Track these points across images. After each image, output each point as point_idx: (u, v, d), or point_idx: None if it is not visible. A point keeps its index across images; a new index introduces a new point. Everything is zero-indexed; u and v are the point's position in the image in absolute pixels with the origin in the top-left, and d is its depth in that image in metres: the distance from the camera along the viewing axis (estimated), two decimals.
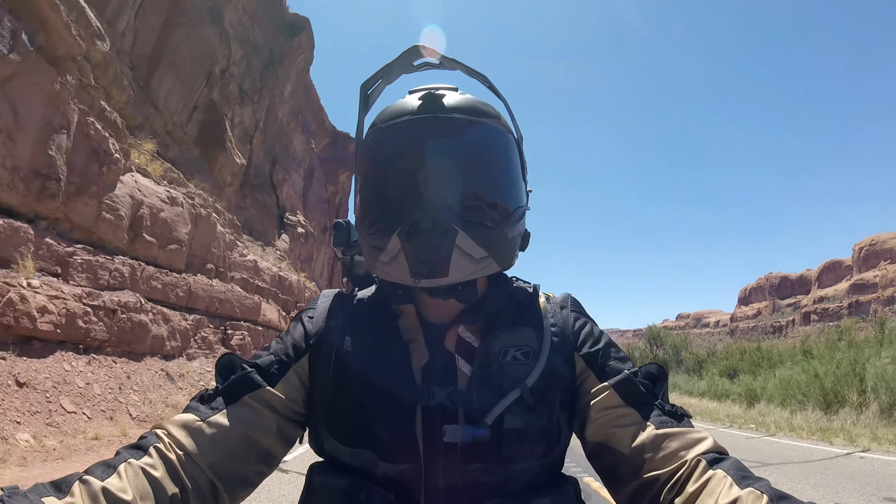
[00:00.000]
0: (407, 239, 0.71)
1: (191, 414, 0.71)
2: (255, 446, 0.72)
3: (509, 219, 0.77)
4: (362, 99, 0.81)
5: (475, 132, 0.75)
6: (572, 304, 0.86)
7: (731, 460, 0.65)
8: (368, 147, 0.79)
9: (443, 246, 0.71)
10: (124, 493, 0.58)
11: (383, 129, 0.76)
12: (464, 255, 0.72)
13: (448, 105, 0.75)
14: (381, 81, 0.82)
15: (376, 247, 0.75)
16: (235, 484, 0.70)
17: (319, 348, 0.79)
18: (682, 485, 0.65)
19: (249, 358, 0.80)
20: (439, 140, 0.73)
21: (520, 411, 0.73)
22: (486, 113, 0.77)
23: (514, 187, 0.79)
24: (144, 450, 0.65)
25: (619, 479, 0.73)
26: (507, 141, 0.79)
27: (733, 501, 0.58)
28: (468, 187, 0.74)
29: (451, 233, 0.70)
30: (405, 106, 0.76)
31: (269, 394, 0.75)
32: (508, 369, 0.75)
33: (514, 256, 0.81)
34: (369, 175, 0.78)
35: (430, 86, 0.79)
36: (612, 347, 0.81)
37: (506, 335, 0.78)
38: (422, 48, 0.78)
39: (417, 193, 0.71)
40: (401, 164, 0.74)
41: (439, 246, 0.70)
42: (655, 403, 0.74)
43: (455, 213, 0.71)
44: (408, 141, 0.74)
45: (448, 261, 0.71)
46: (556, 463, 0.80)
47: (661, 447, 0.68)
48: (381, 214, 0.76)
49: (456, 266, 0.72)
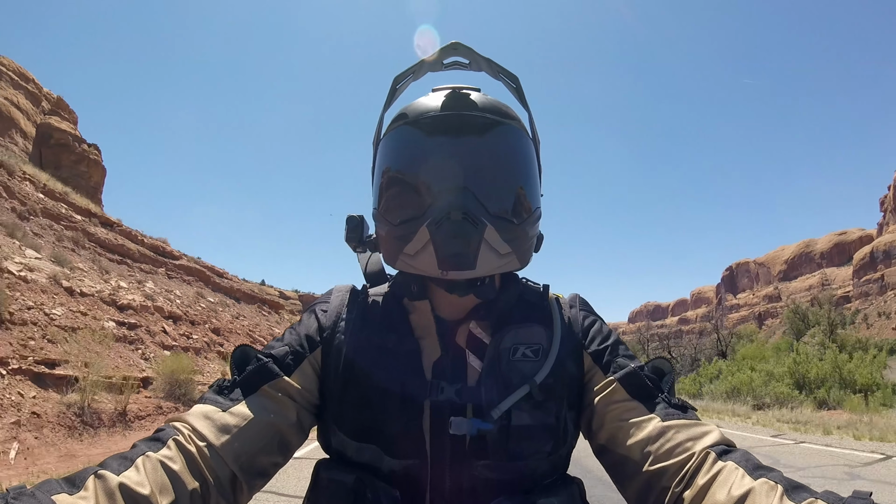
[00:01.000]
0: (437, 231, 0.71)
1: (210, 405, 0.70)
2: (276, 436, 0.72)
3: (531, 217, 0.79)
4: (391, 92, 0.82)
5: (502, 131, 0.76)
6: (581, 303, 0.88)
7: (740, 452, 0.65)
8: (394, 141, 0.79)
9: (472, 239, 0.71)
10: (142, 487, 0.57)
11: (407, 126, 0.77)
12: (490, 249, 0.73)
13: (475, 103, 0.76)
14: (411, 77, 0.82)
15: (402, 238, 0.75)
16: (255, 475, 0.70)
17: (332, 342, 0.79)
18: (692, 477, 0.64)
19: (261, 349, 0.79)
20: (469, 136, 0.74)
21: (528, 408, 0.74)
22: (509, 115, 0.79)
23: (535, 188, 0.81)
24: (163, 442, 0.64)
25: (627, 474, 0.72)
26: (529, 143, 0.81)
27: (747, 492, 0.57)
28: (497, 183, 0.75)
29: (481, 226, 0.71)
30: (432, 102, 0.77)
31: (287, 383, 0.74)
32: (518, 366, 0.76)
33: (531, 255, 0.82)
34: (396, 169, 0.78)
35: (453, 85, 0.80)
36: (620, 345, 0.82)
37: (516, 332, 0.79)
38: (460, 45, 0.79)
39: (448, 187, 0.72)
40: (431, 159, 0.74)
41: (469, 239, 0.71)
42: (661, 397, 0.74)
43: (484, 208, 0.72)
44: (438, 136, 0.75)
45: (476, 254, 0.72)
46: (563, 462, 0.80)
47: (668, 439, 0.68)
48: (407, 207, 0.75)
49: (483, 260, 0.73)
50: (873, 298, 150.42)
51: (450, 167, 0.73)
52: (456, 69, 0.83)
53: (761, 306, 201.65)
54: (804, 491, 0.55)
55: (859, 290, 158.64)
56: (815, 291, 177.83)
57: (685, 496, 0.63)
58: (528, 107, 0.83)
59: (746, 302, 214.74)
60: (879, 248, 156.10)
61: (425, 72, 0.83)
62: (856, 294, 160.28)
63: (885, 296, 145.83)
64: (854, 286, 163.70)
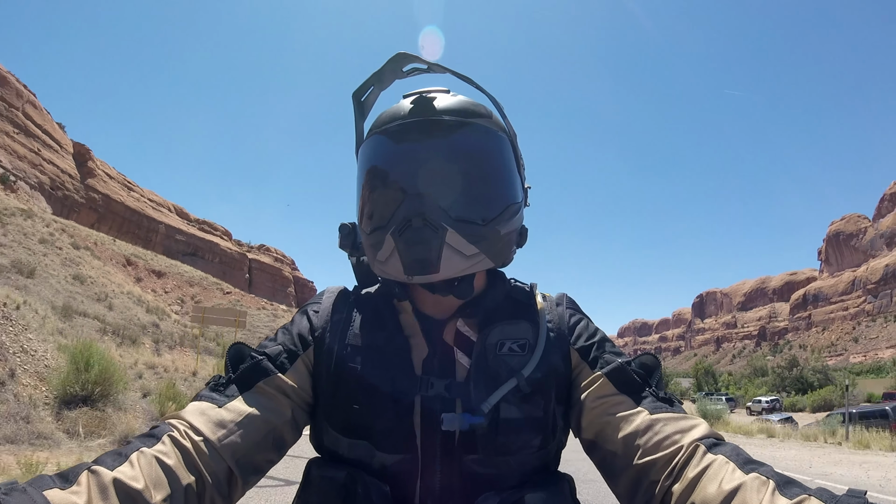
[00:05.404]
0: (399, 238, 0.74)
1: (206, 402, 0.71)
2: (272, 432, 0.73)
3: (501, 216, 0.78)
4: (356, 106, 0.85)
5: (464, 132, 0.77)
6: (567, 301, 0.88)
7: (730, 446, 0.64)
8: (364, 153, 0.82)
9: (433, 243, 0.73)
10: (136, 482, 0.57)
11: (377, 135, 0.79)
12: (454, 252, 0.74)
13: (438, 107, 0.77)
14: (374, 88, 0.85)
15: (373, 247, 0.78)
16: (250, 471, 0.71)
17: (324, 341, 0.81)
18: (680, 470, 0.63)
19: (255, 348, 0.80)
20: (428, 142, 0.76)
21: (516, 401, 0.75)
22: (476, 113, 0.79)
23: (507, 185, 0.81)
24: (158, 438, 0.64)
25: (616, 468, 0.72)
26: (499, 139, 0.80)
27: (737, 487, 0.56)
28: (457, 186, 0.76)
29: (441, 231, 0.73)
30: (397, 111, 0.79)
31: (282, 381, 0.75)
32: (505, 360, 0.77)
33: (510, 253, 0.83)
34: (365, 179, 0.81)
35: (422, 89, 0.81)
36: (606, 342, 0.83)
37: (502, 328, 0.81)
38: (408, 55, 0.80)
39: (408, 194, 0.74)
40: (393, 168, 0.77)
41: (429, 244, 0.73)
42: (649, 391, 0.74)
43: (445, 212, 0.73)
44: (399, 145, 0.77)
45: (439, 258, 0.73)
46: (552, 458, 0.81)
47: (656, 432, 0.68)
48: (376, 216, 0.78)
49: (447, 262, 0.74)
50: (801, 332, 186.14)
51: (411, 173, 0.75)
52: (416, 75, 0.85)
53: (721, 331, 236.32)
54: (796, 486, 0.54)
55: (793, 325, 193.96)
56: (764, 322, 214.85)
57: (674, 489, 0.62)
58: (494, 99, 0.83)
59: (710, 326, 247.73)
60: (811, 291, 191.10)
61: (390, 81, 0.85)
62: (790, 328, 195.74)
63: (809, 331, 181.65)
64: (789, 321, 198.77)
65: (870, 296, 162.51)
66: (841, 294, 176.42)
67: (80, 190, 62.88)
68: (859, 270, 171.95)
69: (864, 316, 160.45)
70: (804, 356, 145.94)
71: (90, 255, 35.48)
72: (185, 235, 76.45)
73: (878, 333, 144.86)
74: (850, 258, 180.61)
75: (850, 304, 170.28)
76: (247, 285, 79.19)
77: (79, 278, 26.63)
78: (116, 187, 69.72)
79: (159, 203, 77.74)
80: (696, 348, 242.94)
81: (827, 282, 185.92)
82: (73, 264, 28.85)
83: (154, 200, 76.78)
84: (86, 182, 64.60)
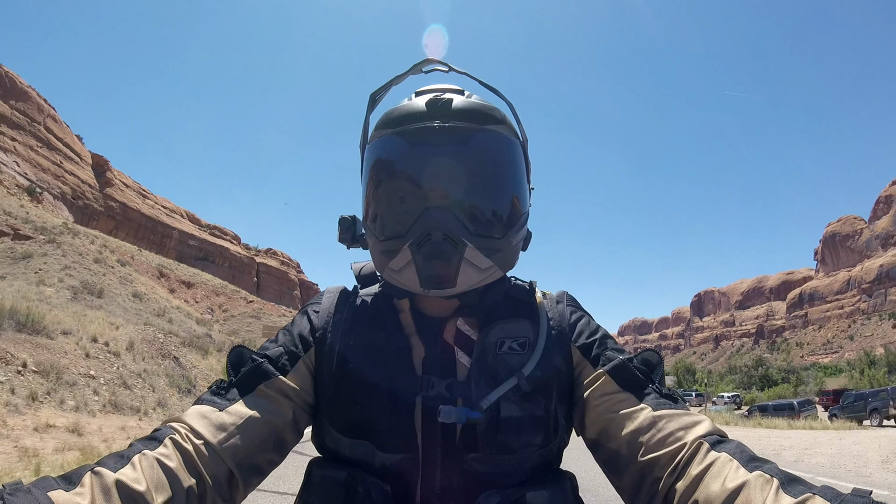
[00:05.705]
0: (418, 251, 0.73)
1: (207, 405, 0.71)
2: (273, 435, 0.73)
3: (515, 226, 0.79)
4: (371, 105, 0.84)
5: (482, 141, 0.76)
6: (568, 299, 0.88)
7: (734, 443, 0.63)
8: (376, 152, 0.80)
9: (452, 259, 0.73)
10: (138, 484, 0.57)
11: (390, 135, 0.78)
12: (471, 266, 0.74)
13: (455, 111, 0.76)
14: (390, 88, 0.85)
15: (386, 254, 0.78)
16: (251, 473, 0.71)
17: (324, 341, 0.81)
18: (684, 467, 0.63)
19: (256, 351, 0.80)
20: (448, 151, 0.75)
21: (517, 399, 0.74)
22: (492, 118, 0.78)
23: (521, 195, 0.81)
24: (159, 441, 0.64)
25: (620, 466, 0.71)
26: (513, 146, 0.80)
27: (741, 485, 0.56)
28: (477, 200, 0.76)
29: (461, 246, 0.73)
30: (412, 110, 0.77)
31: (283, 383, 0.76)
32: (505, 359, 0.77)
33: (516, 259, 0.84)
34: (377, 181, 0.79)
35: (435, 86, 0.81)
36: (608, 339, 0.82)
37: (502, 327, 0.80)
38: (433, 61, 0.82)
39: (428, 206, 0.73)
40: (410, 175, 0.76)
41: (449, 259, 0.73)
42: (652, 387, 0.74)
43: (465, 227, 0.73)
44: (416, 151, 0.76)
45: (457, 273, 0.74)
46: (554, 457, 0.80)
47: (659, 429, 0.67)
48: (391, 223, 0.77)
49: (463, 277, 0.75)
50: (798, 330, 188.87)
51: (429, 185, 0.74)
52: (435, 72, 0.85)
53: (719, 329, 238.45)
54: (800, 484, 0.54)
55: (790, 323, 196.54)
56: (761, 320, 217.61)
57: (678, 486, 0.62)
58: (511, 105, 0.83)
59: (709, 325, 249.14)
60: (807, 290, 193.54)
61: (406, 78, 0.84)
62: (787, 326, 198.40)
63: (806, 329, 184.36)
64: (786, 320, 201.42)
65: (864, 295, 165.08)
66: (836, 293, 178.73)
67: (99, 199, 66.28)
68: (854, 270, 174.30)
69: (859, 314, 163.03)
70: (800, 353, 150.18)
71: (135, 271, 37.83)
72: (197, 241, 79.37)
73: (872, 331, 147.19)
74: (845, 258, 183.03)
75: (845, 303, 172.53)
76: (255, 289, 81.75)
77: (137, 296, 28.45)
78: (132, 195, 72.95)
79: (172, 210, 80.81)
80: (696, 346, 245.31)
81: (823, 281, 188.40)
82: (128, 282, 30.66)
83: (167, 207, 79.92)
84: (104, 191, 68.25)
